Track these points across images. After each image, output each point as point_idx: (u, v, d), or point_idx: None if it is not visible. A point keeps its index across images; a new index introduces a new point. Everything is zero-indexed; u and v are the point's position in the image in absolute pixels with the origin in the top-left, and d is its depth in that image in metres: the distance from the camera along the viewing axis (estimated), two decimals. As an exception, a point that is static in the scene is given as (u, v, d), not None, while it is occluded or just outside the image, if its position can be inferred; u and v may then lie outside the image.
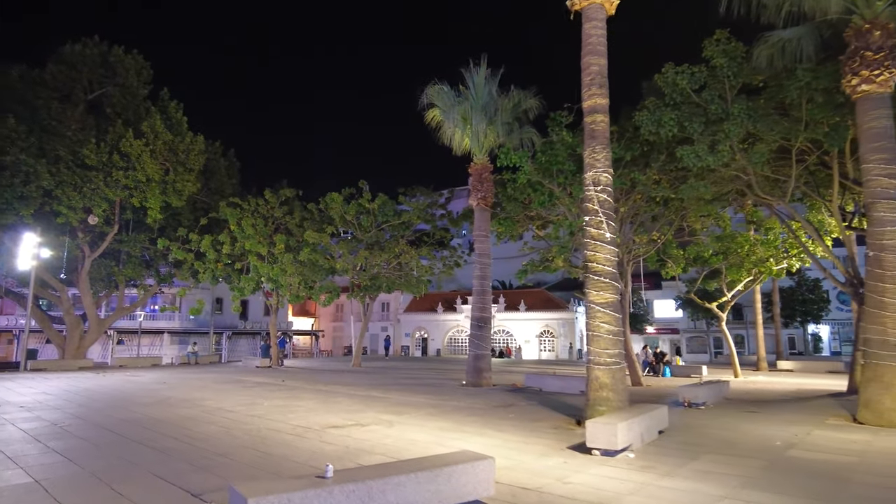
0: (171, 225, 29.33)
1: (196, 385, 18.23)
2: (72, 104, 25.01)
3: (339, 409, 12.76)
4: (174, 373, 24.34)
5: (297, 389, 17.22)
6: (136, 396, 14.88)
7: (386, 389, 17.19)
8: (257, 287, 29.19)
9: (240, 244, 27.31)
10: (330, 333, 59.22)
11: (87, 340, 29.73)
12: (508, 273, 49.03)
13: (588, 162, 11.24)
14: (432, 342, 51.08)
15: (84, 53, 25.18)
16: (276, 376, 22.43)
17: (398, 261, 27.78)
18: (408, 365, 32.11)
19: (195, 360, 33.04)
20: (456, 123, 17.62)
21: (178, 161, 26.08)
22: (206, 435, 9.38)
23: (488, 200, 18.20)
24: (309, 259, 25.81)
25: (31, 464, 7.27)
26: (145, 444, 8.54)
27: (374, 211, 26.68)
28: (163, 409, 12.36)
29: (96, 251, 27.74)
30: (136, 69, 26.60)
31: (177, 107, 27.58)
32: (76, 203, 24.13)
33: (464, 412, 12.25)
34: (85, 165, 23.88)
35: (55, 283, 28.30)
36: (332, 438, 9.17)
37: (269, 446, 8.53)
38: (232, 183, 33.03)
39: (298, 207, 28.64)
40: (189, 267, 29.18)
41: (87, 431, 9.66)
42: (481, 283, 18.13)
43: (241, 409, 12.48)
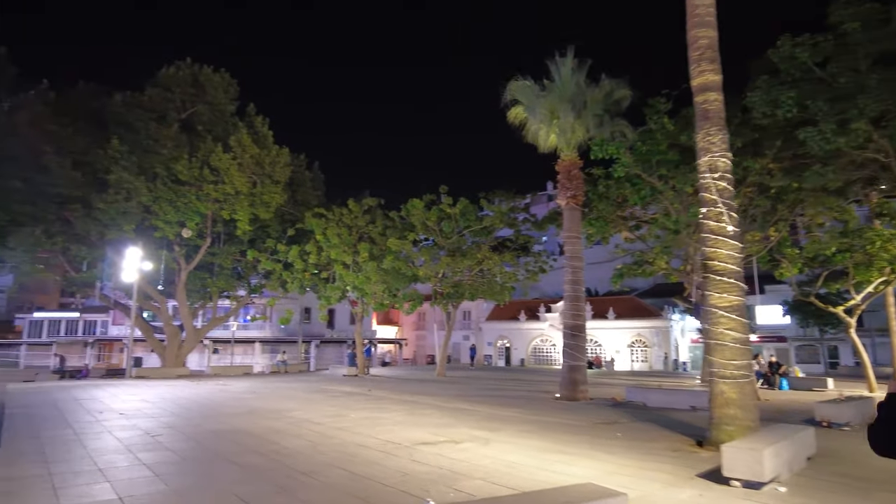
0: (260, 237, 30.15)
1: (284, 395, 18.18)
2: (167, 124, 26.24)
3: (428, 422, 11.99)
4: (264, 381, 24.71)
5: (384, 400, 16.70)
6: (226, 406, 14.88)
7: (474, 401, 16.30)
8: (343, 296, 29.34)
9: (325, 253, 27.57)
10: (413, 342, 59.27)
11: (185, 349, 31.02)
12: (595, 279, 46.89)
13: (702, 146, 9.89)
14: (515, 351, 49.74)
15: (177, 76, 26.40)
16: (363, 385, 22.16)
17: (480, 267, 26.95)
18: (492, 375, 31.09)
19: (284, 368, 33.70)
20: (541, 119, 16.56)
21: (265, 174, 26.70)
22: (291, 450, 8.88)
23: (579, 199, 16.93)
24: (392, 267, 25.54)
25: (119, 477, 6.99)
26: (230, 460, 8.13)
27: (456, 216, 26.03)
28: (250, 421, 12.13)
29: (191, 264, 28.93)
30: (224, 87, 27.58)
31: (262, 121, 28.34)
32: (171, 217, 25.22)
33: (563, 430, 11.12)
34: (178, 181, 24.92)
35: (155, 295, 29.79)
36: (424, 457, 8.38)
37: (357, 465, 7.86)
38: (317, 194, 33.58)
39: (381, 216, 28.56)
40: (278, 277, 29.86)
41: (176, 443, 9.45)
42: (574, 288, 16.84)
43: (328, 422, 12.01)
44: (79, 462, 7.86)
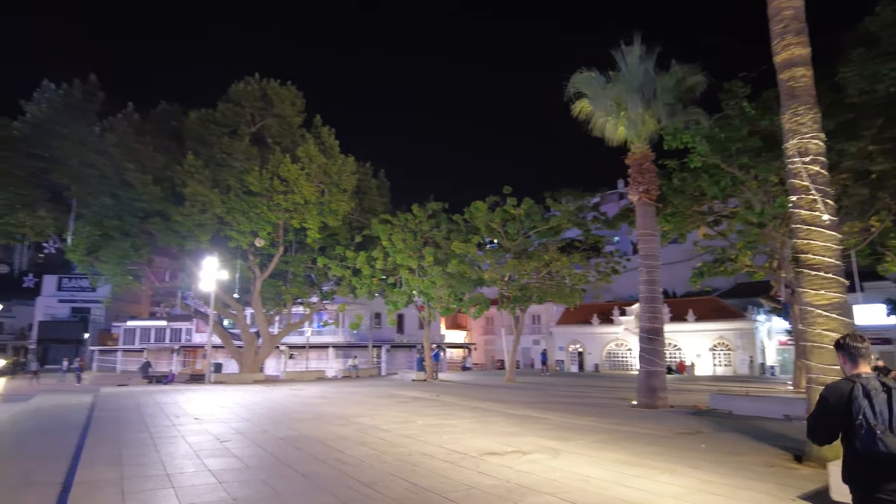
0: (330, 244, 30.80)
1: (353, 400, 18.26)
2: (238, 137, 27.30)
3: (496, 431, 11.54)
4: (335, 386, 25.07)
5: (452, 406, 16.39)
6: (296, 411, 15.04)
7: (544, 409, 15.67)
8: (409, 300, 29.41)
9: (391, 259, 27.75)
10: (482, 346, 58.79)
11: (261, 355, 32.10)
12: (672, 280, 44.64)
13: (789, 128, 8.94)
14: (589, 356, 48.14)
15: (246, 91, 27.43)
16: (431, 391, 21.97)
17: (548, 269, 26.18)
18: (564, 381, 30.12)
19: (356, 373, 34.21)
20: (608, 111, 15.76)
21: (332, 182, 27.23)
22: (356, 458, 8.70)
23: (652, 193, 15.95)
24: (457, 270, 25.31)
25: (183, 484, 7.03)
26: (294, 468, 8.03)
27: (520, 217, 25.44)
28: (318, 427, 12.13)
29: (266, 272, 29.92)
30: (291, 100, 28.39)
31: (328, 132, 28.94)
32: (245, 227, 26.15)
33: (642, 440, 10.36)
34: (250, 192, 25.82)
35: (232, 303, 31.01)
36: (491, 469, 7.95)
37: (421, 476, 7.54)
38: (383, 201, 33.96)
39: (444, 220, 28.42)
40: (347, 283, 30.36)
41: (243, 449, 9.52)
42: (650, 289, 15.87)
43: (395, 428, 11.82)
44: (150, 467, 8.01)
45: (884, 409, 2.88)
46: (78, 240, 26.29)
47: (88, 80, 25.44)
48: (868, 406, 2.91)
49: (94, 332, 62.35)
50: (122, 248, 27.17)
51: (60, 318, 64.53)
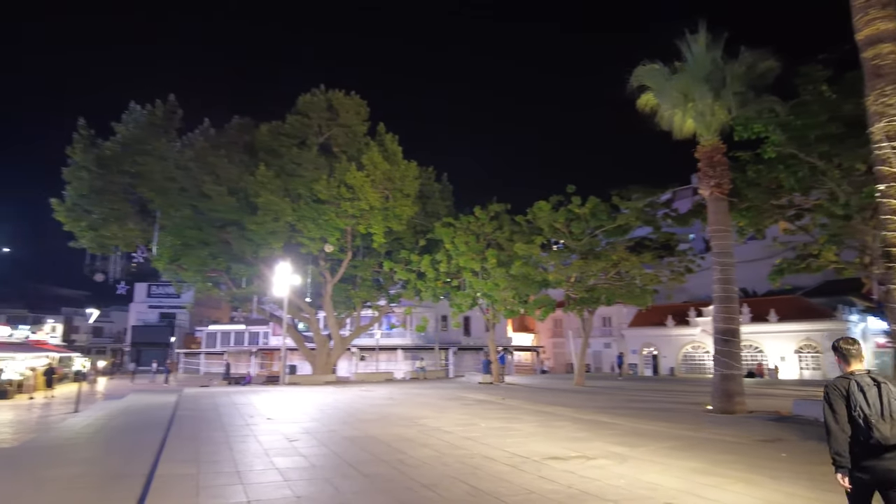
0: (395, 248, 31.35)
1: (419, 401, 18.43)
2: (307, 148, 28.33)
3: (561, 435, 11.29)
4: (402, 388, 25.41)
5: (517, 409, 16.20)
6: (363, 412, 15.35)
7: (613, 413, 15.19)
8: (474, 303, 29.41)
9: (455, 262, 27.86)
10: (550, 349, 57.85)
11: (333, 357, 33.07)
12: (751, 278, 42.18)
13: (876, 111, 8.24)
14: (664, 359, 46.30)
15: (313, 102, 28.43)
16: (497, 393, 21.84)
17: (617, 269, 25.40)
18: (637, 385, 29.11)
19: (423, 375, 34.57)
20: (674, 103, 15.10)
21: (396, 188, 27.71)
22: (417, 460, 8.75)
23: (724, 188, 15.12)
24: (520, 272, 25.02)
25: (252, 481, 7.32)
26: (357, 468, 8.17)
27: (586, 216, 24.83)
28: (383, 427, 12.31)
29: (336, 276, 30.83)
30: (355, 109, 29.15)
31: (392, 139, 29.46)
32: (314, 234, 27.08)
33: (716, 448, 9.82)
34: (319, 200, 26.72)
35: (305, 306, 32.15)
36: (553, 473, 7.77)
37: (481, 479, 7.48)
38: (446, 205, 34.21)
39: (507, 221, 28.22)
40: (412, 286, 30.79)
41: (310, 448, 9.80)
42: (724, 289, 15.05)
43: (458, 430, 11.81)
44: (223, 464, 8.39)
45: (875, 400, 3.52)
46: (162, 249, 28.12)
47: (168, 100, 27.20)
48: (863, 399, 3.54)
49: (180, 335, 66.42)
50: (202, 257, 28.84)
51: (150, 322, 69.32)
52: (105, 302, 70.58)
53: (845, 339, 3.91)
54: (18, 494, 7.02)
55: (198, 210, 26.88)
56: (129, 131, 26.22)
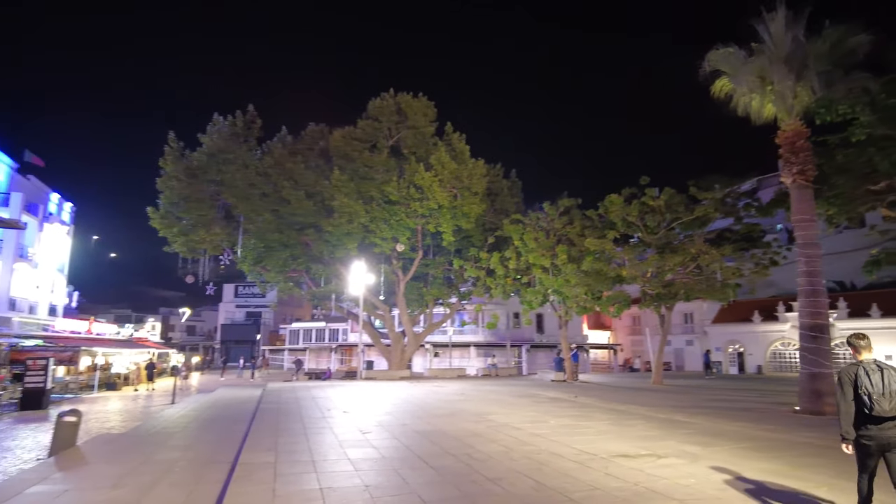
0: (464, 246, 31.61)
1: (490, 398, 18.55)
2: (378, 151, 29.12)
3: (633, 434, 11.07)
4: (474, 384, 25.61)
5: (589, 408, 15.97)
6: (434, 407, 15.67)
7: (691, 413, 14.66)
8: (544, 300, 29.12)
9: (524, 258, 27.72)
10: (628, 347, 56.21)
11: (407, 353, 33.81)
12: (846, 271, 39.22)
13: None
14: (750, 357, 43.83)
15: (383, 106, 29.16)
16: (570, 391, 21.58)
17: (696, 263, 24.32)
18: (720, 384, 27.79)
19: (495, 372, 34.66)
20: (751, 87, 14.32)
21: (464, 186, 27.93)
22: (484, 455, 8.89)
23: (808, 174, 14.16)
24: (592, 268, 24.51)
25: (325, 470, 7.72)
26: (425, 461, 8.42)
27: (661, 209, 23.94)
28: (452, 422, 12.54)
29: (408, 275, 31.51)
30: (423, 111, 29.60)
31: (459, 137, 29.71)
32: (386, 234, 27.83)
33: (799, 450, 9.31)
34: (390, 201, 27.43)
35: (379, 304, 33.08)
36: (620, 471, 7.68)
37: (546, 475, 7.51)
38: (515, 201, 34.09)
39: (578, 216, 27.71)
40: (482, 284, 30.92)
41: (382, 440, 10.17)
42: (810, 281, 14.12)
43: (527, 427, 11.85)
44: (299, 454, 8.90)
45: (878, 381, 4.51)
46: (246, 252, 29.83)
47: (248, 111, 28.80)
48: (867, 381, 4.55)
49: (265, 333, 70.00)
50: (283, 258, 30.35)
51: (238, 321, 73.52)
52: (197, 302, 75.78)
53: (856, 335, 4.90)
54: (130, 472, 7.81)
55: (278, 214, 28.32)
56: (213, 142, 28.02)
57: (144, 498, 6.58)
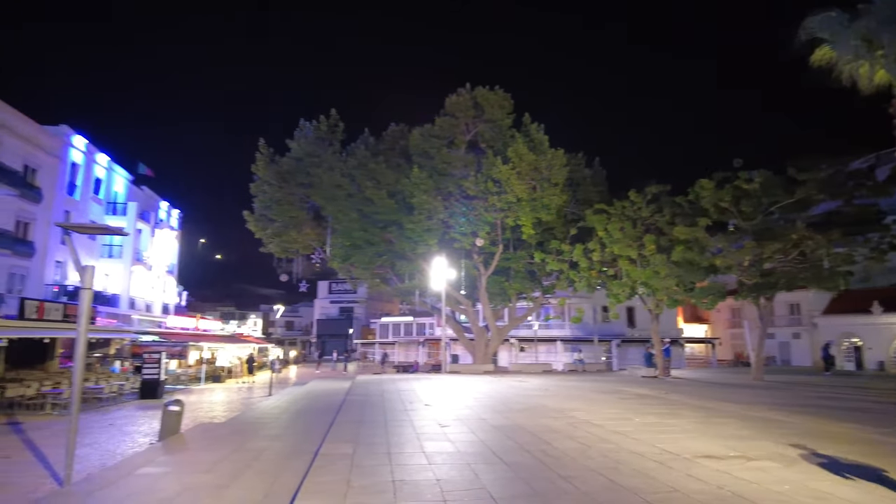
0: (547, 239, 31.08)
1: (573, 394, 18.17)
2: (455, 147, 29.29)
3: (722, 433, 10.42)
4: (558, 380, 25.18)
5: (678, 405, 15.22)
6: (514, 402, 15.57)
7: (791, 412, 13.58)
8: (632, 293, 28.05)
9: (609, 250, 26.84)
10: (727, 341, 52.94)
11: (491, 347, 33.84)
12: None
13: None
14: (869, 352, 39.87)
15: (459, 102, 29.25)
16: (660, 388, 20.67)
17: (799, 250, 22.43)
18: (833, 381, 25.51)
19: (581, 367, 33.89)
20: (858, 53, 12.96)
21: (543, 178, 27.47)
22: (560, 451, 8.73)
23: (930, 148, 12.64)
24: (683, 258, 23.27)
25: (400, 462, 7.88)
26: (500, 456, 8.39)
27: (756, 192, 22.25)
28: (532, 418, 12.40)
29: (489, 269, 31.50)
30: (499, 103, 29.37)
31: (537, 128, 29.21)
32: (466, 229, 27.97)
33: (919, 456, 8.35)
34: (468, 196, 27.53)
35: (461, 299, 33.34)
36: (703, 473, 7.26)
37: (622, 474, 7.25)
38: (598, 191, 33.06)
39: (668, 204, 26.39)
40: (565, 277, 30.28)
41: (459, 434, 10.24)
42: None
43: (608, 424, 11.49)
44: (377, 446, 9.16)
45: None
46: (335, 250, 31.11)
47: (331, 115, 29.95)
48: None
49: (357, 327, 72.66)
50: (369, 255, 31.38)
51: (332, 316, 76.86)
52: (294, 299, 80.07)
53: None
54: (223, 459, 8.42)
55: (363, 213, 29.29)
56: (301, 146, 29.42)
57: (232, 483, 7.06)
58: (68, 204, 30.85)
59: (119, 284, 35.37)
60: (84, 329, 8.03)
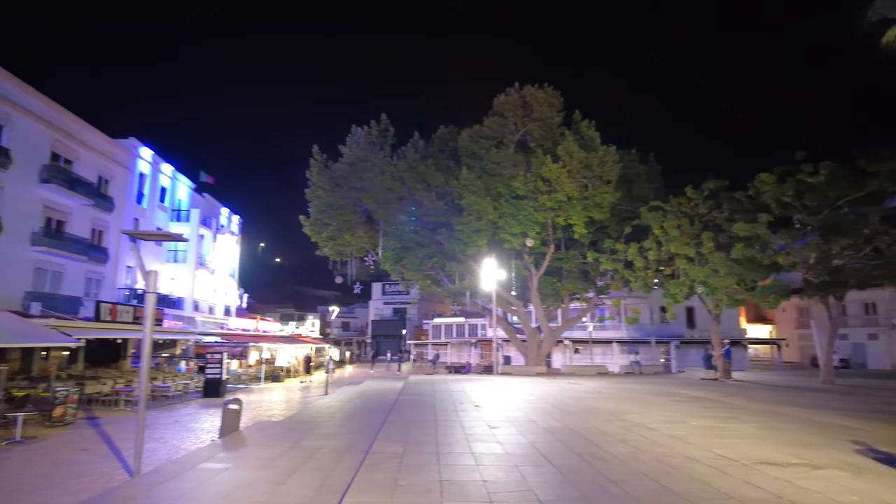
0: (600, 238, 30.46)
1: (627, 396, 17.77)
2: (504, 147, 29.14)
3: (785, 439, 9.97)
4: (613, 382, 24.66)
5: (739, 409, 14.64)
6: (566, 404, 15.38)
7: (863, 417, 12.82)
8: (690, 292, 27.14)
9: (665, 248, 26.07)
10: (795, 342, 50.35)
11: (544, 349, 33.48)
12: None
13: None
14: (956, 353, 37.06)
15: (508, 101, 29.09)
16: (719, 391, 19.94)
17: (872, 245, 21.11)
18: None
19: (638, 369, 33.07)
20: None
21: (595, 175, 26.95)
22: (610, 455, 8.59)
23: None
24: (743, 256, 22.31)
25: (448, 462, 7.97)
26: (548, 459, 8.34)
27: (821, 186, 21.08)
28: (583, 420, 12.23)
29: (540, 270, 31.19)
30: (548, 101, 29.01)
31: (588, 125, 28.69)
32: (515, 230, 27.79)
33: None
34: (518, 196, 27.33)
35: (513, 300, 33.16)
36: (762, 480, 6.98)
37: (674, 479, 7.07)
38: (653, 187, 32.12)
39: (726, 199, 25.38)
40: (620, 277, 29.61)
41: (508, 436, 10.22)
42: None
43: (662, 428, 11.19)
44: (426, 445, 9.27)
45: None
46: (386, 252, 31.59)
47: (381, 120, 30.44)
48: None
49: (410, 328, 73.41)
50: (419, 257, 31.69)
51: (386, 317, 78.00)
52: (349, 300, 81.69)
53: None
54: (279, 456, 8.74)
55: (413, 215, 29.64)
56: (352, 152, 30.03)
57: (287, 479, 7.32)
58: (137, 212, 32.67)
59: (184, 288, 37.14)
60: (149, 330, 8.53)
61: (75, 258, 26.44)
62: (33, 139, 24.36)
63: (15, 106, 23.26)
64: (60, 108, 26.10)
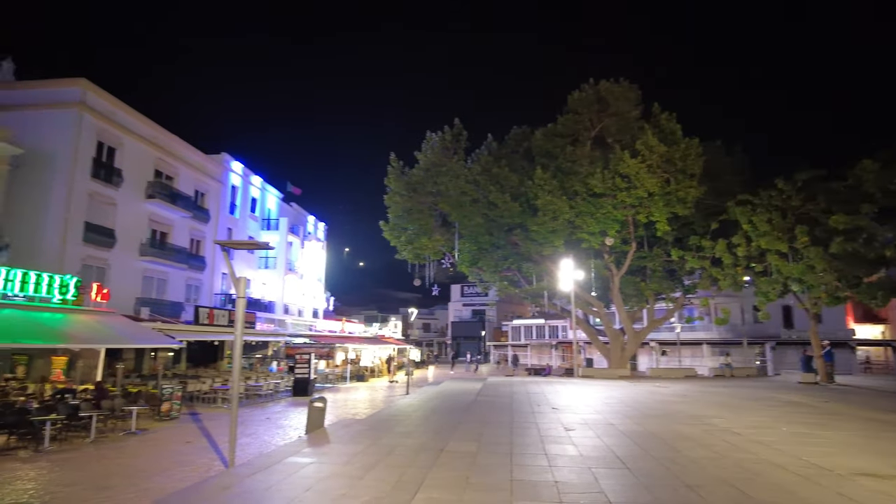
0: (685, 235, 29.17)
1: (714, 400, 17.02)
2: (580, 144, 28.64)
3: (890, 449, 9.28)
4: (701, 385, 23.62)
5: (837, 416, 13.67)
6: (648, 408, 14.98)
7: None
8: (784, 290, 25.44)
9: (755, 244, 24.60)
10: (912, 343, 45.66)
11: (627, 351, 32.51)
12: None
13: None
14: None
15: (582, 98, 28.56)
16: (818, 396, 18.61)
17: None
18: None
19: (729, 372, 31.37)
20: None
21: (677, 170, 25.88)
22: (690, 459, 8.37)
23: None
24: (843, 250, 20.66)
25: (520, 463, 8.11)
26: (624, 462, 8.26)
27: (937, 172, 19.16)
28: (664, 424, 11.91)
29: (622, 269, 30.33)
30: (625, 95, 28.19)
31: (668, 117, 27.59)
32: (594, 228, 27.21)
33: None
34: (595, 194, 26.72)
35: (593, 301, 32.47)
36: (857, 492, 6.59)
37: (756, 487, 6.82)
38: (740, 180, 30.35)
39: (821, 190, 23.58)
40: (707, 275, 28.23)
41: (584, 439, 10.18)
42: None
43: (749, 433, 10.72)
44: (500, 445, 9.42)
45: None
46: (463, 255, 31.92)
47: (454, 125, 30.81)
48: None
49: (489, 329, 73.51)
50: (495, 258, 31.79)
51: (465, 318, 78.57)
52: (429, 303, 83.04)
53: None
54: (359, 453, 9.21)
55: (488, 217, 29.74)
56: (427, 157, 30.61)
57: (366, 474, 7.72)
58: (230, 222, 35.03)
59: (275, 292, 39.34)
60: (240, 332, 9.26)
61: (177, 266, 28.76)
62: (140, 159, 26.80)
63: (125, 131, 25.71)
64: (161, 128, 28.51)
